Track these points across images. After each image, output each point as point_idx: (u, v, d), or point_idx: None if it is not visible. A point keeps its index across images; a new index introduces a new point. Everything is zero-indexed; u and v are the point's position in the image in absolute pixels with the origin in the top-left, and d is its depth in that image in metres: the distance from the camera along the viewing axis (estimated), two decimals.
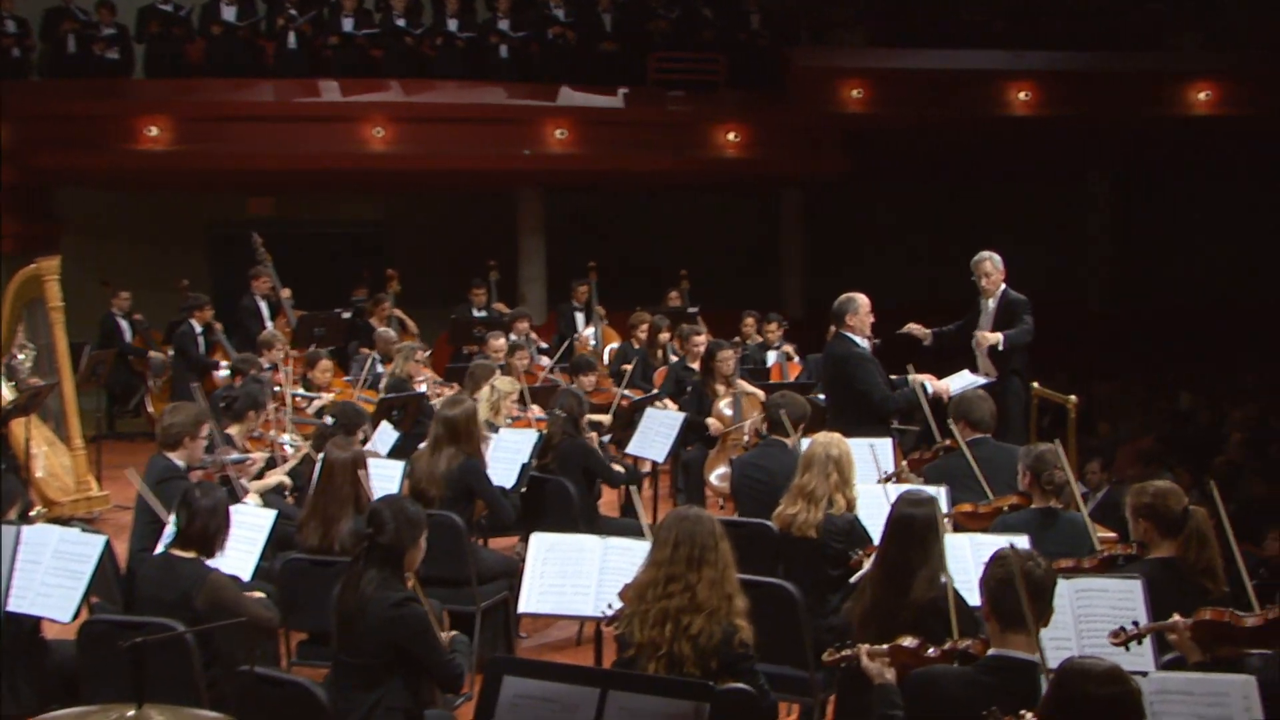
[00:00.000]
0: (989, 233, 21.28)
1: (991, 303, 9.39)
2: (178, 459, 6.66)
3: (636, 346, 12.47)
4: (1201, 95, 18.27)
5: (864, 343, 8.43)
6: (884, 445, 7.37)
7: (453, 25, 17.04)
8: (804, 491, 6.11)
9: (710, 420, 9.72)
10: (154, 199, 18.20)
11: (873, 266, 19.86)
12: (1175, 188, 21.27)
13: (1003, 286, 9.41)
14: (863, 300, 8.45)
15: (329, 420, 7.91)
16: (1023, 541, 5.39)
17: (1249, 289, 21.08)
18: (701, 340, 10.80)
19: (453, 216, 19.64)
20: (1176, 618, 4.56)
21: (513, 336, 12.41)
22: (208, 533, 5.24)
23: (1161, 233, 21.59)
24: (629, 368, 11.53)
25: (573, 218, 19.38)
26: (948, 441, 7.22)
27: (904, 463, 7.36)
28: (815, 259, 20.18)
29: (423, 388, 10.49)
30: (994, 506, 6.29)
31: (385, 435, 8.46)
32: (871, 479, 6.51)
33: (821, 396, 9.58)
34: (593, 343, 13.94)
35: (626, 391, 10.84)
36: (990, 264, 9.46)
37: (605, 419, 9.90)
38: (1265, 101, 18.13)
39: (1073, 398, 9.66)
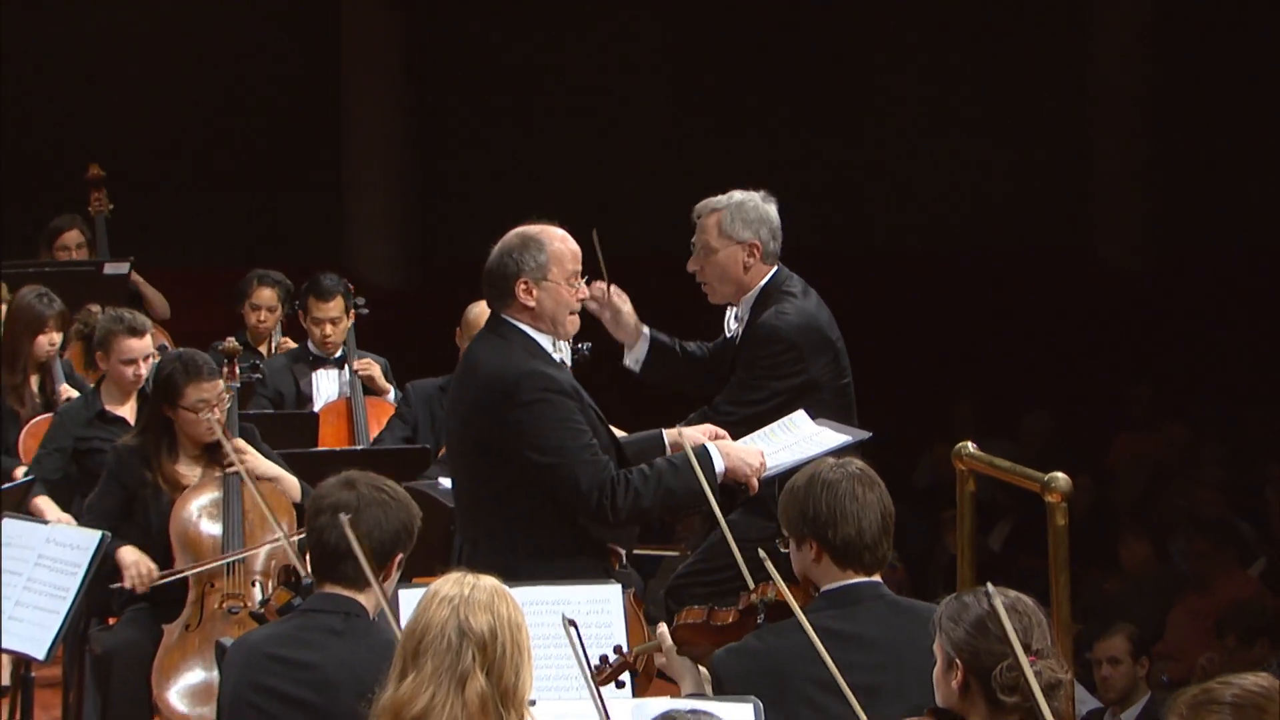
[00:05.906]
0: (867, 97, 22.07)
1: (731, 317, 10.31)
2: None
3: None
4: None
5: (559, 350, 8.85)
6: (607, 598, 7.65)
7: None
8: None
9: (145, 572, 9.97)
10: None
11: (567, 168, 20.77)
12: None
13: (767, 275, 9.94)
14: (561, 244, 8.96)
15: None
16: None
17: None
18: (141, 347, 11.01)
19: None
20: None
21: None
22: None
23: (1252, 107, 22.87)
24: None
25: None
26: (771, 591, 7.28)
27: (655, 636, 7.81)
28: (430, 148, 21.01)
29: None
30: None
31: None
32: (574, 678, 6.85)
33: (445, 482, 9.73)
34: None
35: None
36: (717, 222, 9.99)
37: None
38: None
39: (1061, 476, 9.67)
